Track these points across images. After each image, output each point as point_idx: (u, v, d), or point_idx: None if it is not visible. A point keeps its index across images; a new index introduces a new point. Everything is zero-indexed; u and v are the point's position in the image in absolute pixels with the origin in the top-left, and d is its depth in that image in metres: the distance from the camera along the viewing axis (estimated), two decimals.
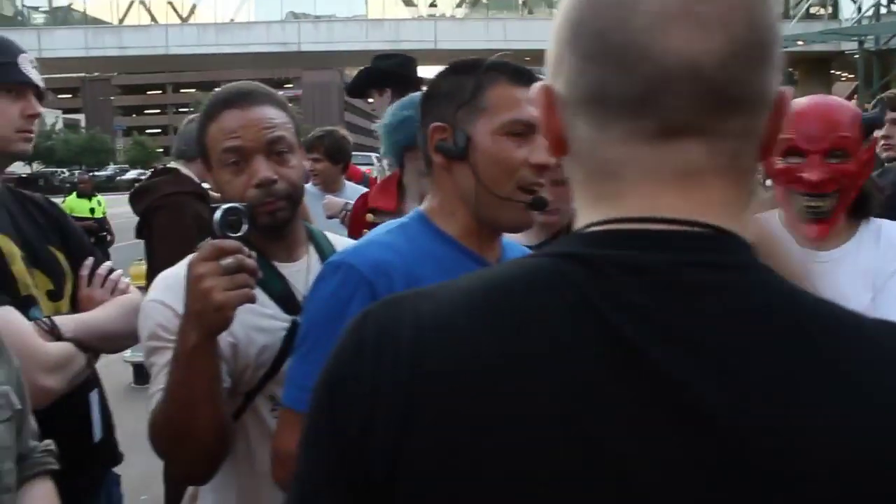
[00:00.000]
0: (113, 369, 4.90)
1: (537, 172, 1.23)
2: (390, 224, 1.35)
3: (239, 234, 1.18)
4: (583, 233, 0.62)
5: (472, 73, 1.27)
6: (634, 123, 0.58)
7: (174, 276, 1.35)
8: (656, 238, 0.58)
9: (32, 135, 1.66)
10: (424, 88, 1.39)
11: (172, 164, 3.26)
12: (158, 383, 1.28)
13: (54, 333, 1.54)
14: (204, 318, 1.16)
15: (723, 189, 0.59)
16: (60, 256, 1.72)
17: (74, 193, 10.46)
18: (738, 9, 0.57)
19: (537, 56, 1.41)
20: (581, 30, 0.60)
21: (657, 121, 0.58)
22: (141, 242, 3.12)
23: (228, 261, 1.15)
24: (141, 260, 4.14)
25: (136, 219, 3.10)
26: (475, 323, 0.58)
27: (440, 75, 1.33)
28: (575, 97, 0.61)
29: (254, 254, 1.20)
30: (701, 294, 0.55)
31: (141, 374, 5.33)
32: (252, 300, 1.18)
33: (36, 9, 34.69)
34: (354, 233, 2.54)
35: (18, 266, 1.60)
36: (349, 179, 4.05)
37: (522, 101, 1.23)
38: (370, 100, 3.22)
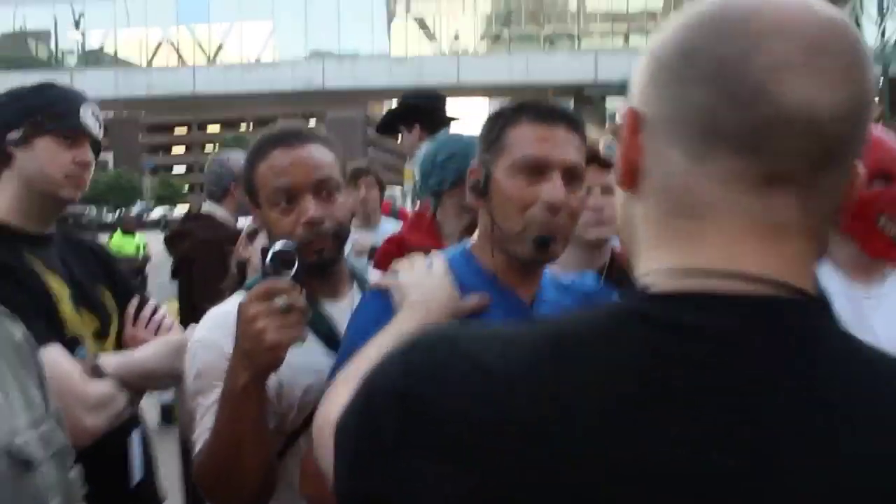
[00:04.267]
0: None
1: (549, 210, 1.23)
2: (436, 254, 1.36)
3: (291, 274, 1.18)
4: (656, 291, 0.58)
5: (502, 114, 1.30)
6: (739, 162, 0.56)
7: (222, 314, 1.36)
8: (732, 303, 0.55)
9: (83, 182, 1.69)
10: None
11: (206, 208, 3.31)
12: (205, 423, 1.28)
13: (96, 372, 1.55)
14: (255, 358, 1.16)
15: (806, 247, 0.58)
16: (108, 297, 1.74)
17: (119, 231, 10.57)
18: (857, 67, 0.56)
19: (560, 90, 1.43)
20: (696, 56, 0.57)
21: (764, 164, 0.56)
22: (172, 282, 3.17)
23: (280, 300, 1.15)
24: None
25: (163, 257, 3.17)
26: (541, 376, 0.55)
27: (486, 120, 1.35)
28: (675, 124, 0.58)
29: (304, 293, 1.20)
30: (772, 365, 0.53)
31: (168, 414, 5.32)
32: (303, 340, 1.18)
33: (70, 52, 35.58)
34: None
35: (66, 306, 1.62)
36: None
37: (540, 139, 1.24)
38: (399, 136, 3.24)
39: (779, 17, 0.56)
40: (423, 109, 3.11)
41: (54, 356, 1.48)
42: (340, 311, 1.45)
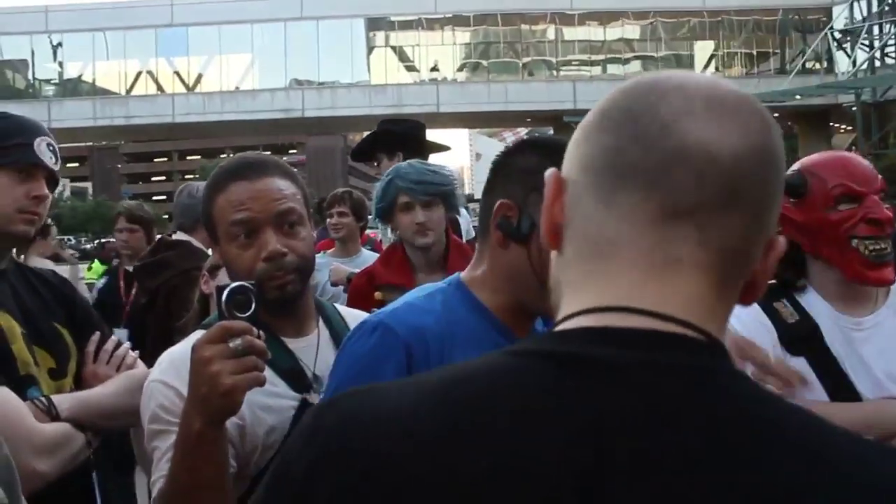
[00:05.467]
0: None
1: None
2: (427, 287, 1.31)
3: (247, 315, 1.13)
4: (559, 330, 0.61)
5: (553, 157, 1.23)
6: (642, 197, 0.59)
7: (179, 353, 1.30)
8: (630, 337, 0.57)
9: (37, 217, 1.64)
10: (480, 155, 1.39)
11: (177, 237, 3.25)
12: (161, 470, 1.22)
13: (50, 413, 1.48)
14: (210, 404, 1.10)
15: (706, 283, 0.59)
16: (65, 333, 1.67)
17: (97, 261, 10.41)
18: (759, 125, 0.60)
19: (538, 117, 1.38)
20: (609, 110, 0.63)
21: (665, 198, 0.58)
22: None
23: (237, 342, 1.09)
24: None
25: None
26: (427, 424, 0.57)
27: (519, 148, 1.28)
28: (587, 171, 0.62)
29: (262, 334, 1.14)
30: (664, 401, 0.54)
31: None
32: (262, 383, 1.13)
33: (47, 81, 35.35)
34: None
35: (18, 344, 1.56)
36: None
37: None
38: (375, 163, 3.20)
39: (684, 81, 0.62)
40: (407, 136, 3.08)
41: (2, 397, 1.42)
42: (306, 347, 1.40)
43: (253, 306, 1.13)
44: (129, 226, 4.13)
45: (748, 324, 1.70)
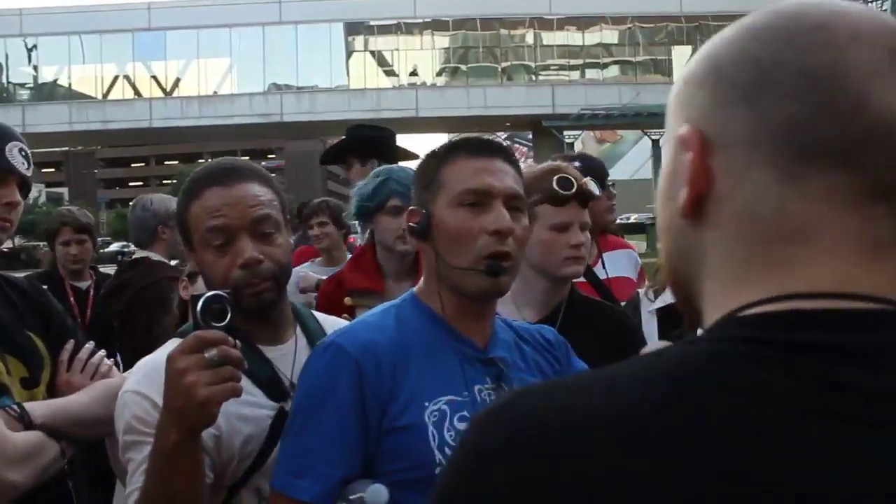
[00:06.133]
0: None
1: (497, 239, 1.22)
2: (385, 304, 1.34)
3: (223, 324, 1.11)
4: (757, 314, 0.51)
5: (436, 155, 1.31)
6: (841, 177, 0.52)
7: (155, 363, 1.28)
8: (862, 317, 0.49)
9: (9, 223, 1.61)
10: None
11: (138, 255, 3.22)
12: (136, 482, 1.20)
13: (23, 420, 1.45)
14: (186, 415, 1.08)
15: None
16: (38, 342, 1.64)
17: None
18: None
19: (517, 121, 1.44)
20: (777, 69, 0.53)
21: (869, 178, 0.51)
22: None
23: (212, 353, 1.08)
24: None
25: None
26: (665, 422, 0.47)
27: (420, 161, 1.36)
28: (758, 144, 0.53)
29: (239, 344, 1.13)
30: None
31: None
32: (238, 394, 1.11)
33: (22, 85, 34.90)
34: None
35: None
36: None
37: (479, 171, 1.25)
38: (347, 167, 3.16)
39: (854, 25, 0.53)
40: (380, 142, 3.07)
41: None
42: (283, 355, 1.38)
43: (229, 315, 1.12)
44: (77, 237, 3.58)
45: None
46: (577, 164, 2.35)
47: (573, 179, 1.82)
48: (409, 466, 1.18)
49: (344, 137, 3.24)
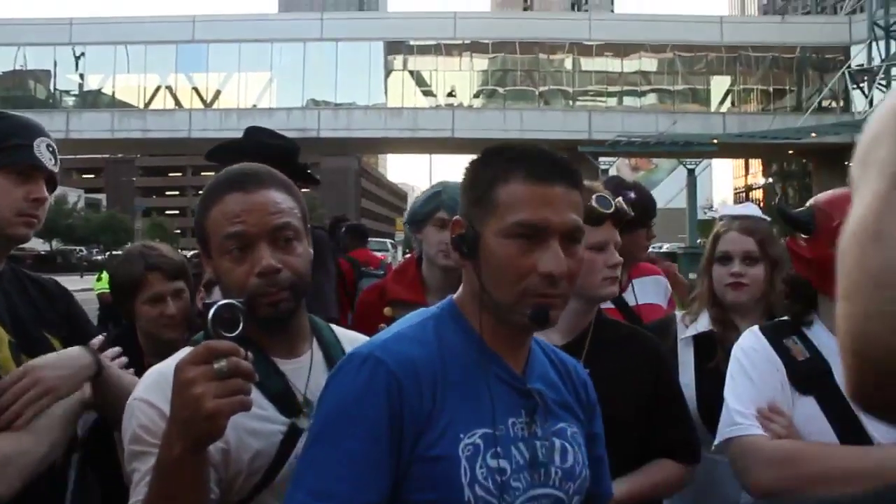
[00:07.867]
0: None
1: (546, 282, 1.12)
2: (418, 314, 1.25)
3: (234, 335, 1.06)
4: None
5: (491, 165, 1.19)
6: None
7: (166, 371, 1.24)
8: None
9: (35, 219, 1.59)
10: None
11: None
12: (139, 493, 1.16)
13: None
14: (192, 428, 1.03)
15: None
16: (56, 343, 1.62)
17: (105, 271, 10.43)
18: None
19: (552, 146, 1.32)
20: None
21: None
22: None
23: (222, 364, 1.03)
24: None
25: None
26: None
27: (469, 164, 1.24)
28: None
29: (251, 355, 1.08)
30: None
31: None
32: (247, 408, 1.06)
33: (68, 92, 35.72)
34: (365, 329, 1.77)
35: (4, 353, 1.51)
36: (365, 265, 3.97)
37: (538, 201, 1.13)
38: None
39: None
40: (282, 151, 2.46)
41: None
42: (297, 369, 1.33)
43: (241, 325, 1.07)
44: (173, 286, 2.18)
45: (757, 362, 1.63)
46: (631, 194, 2.29)
47: (610, 199, 1.79)
48: (437, 499, 1.09)
49: (241, 136, 2.63)
